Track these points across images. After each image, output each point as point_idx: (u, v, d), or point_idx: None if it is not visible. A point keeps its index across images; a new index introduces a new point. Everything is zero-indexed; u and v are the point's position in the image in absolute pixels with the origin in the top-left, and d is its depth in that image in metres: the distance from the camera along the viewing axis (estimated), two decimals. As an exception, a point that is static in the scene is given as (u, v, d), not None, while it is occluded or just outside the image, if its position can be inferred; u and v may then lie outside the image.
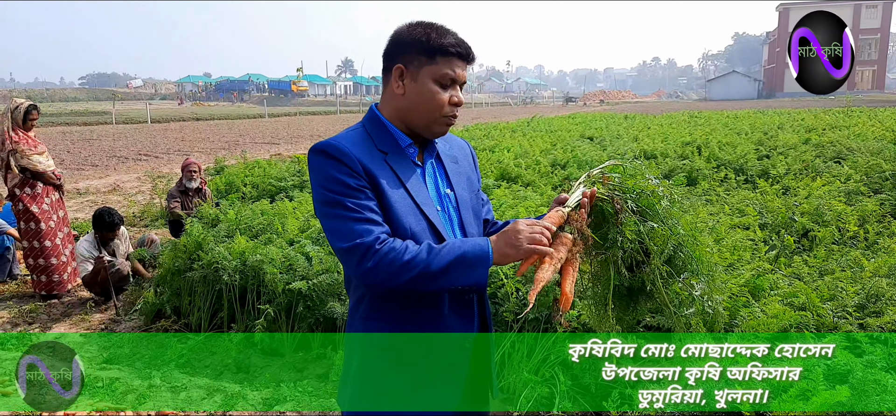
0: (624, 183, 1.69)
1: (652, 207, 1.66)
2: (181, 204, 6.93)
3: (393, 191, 1.61)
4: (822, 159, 10.26)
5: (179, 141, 22.30)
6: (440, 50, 1.61)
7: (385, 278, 1.53)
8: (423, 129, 1.67)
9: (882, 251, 4.75)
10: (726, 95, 77.14)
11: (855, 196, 6.99)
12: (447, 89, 1.63)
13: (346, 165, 1.57)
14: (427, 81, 1.63)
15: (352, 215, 1.55)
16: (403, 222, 1.59)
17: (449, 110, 1.64)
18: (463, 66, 1.65)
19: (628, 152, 11.51)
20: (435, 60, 1.62)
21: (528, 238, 1.52)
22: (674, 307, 1.65)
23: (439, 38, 1.62)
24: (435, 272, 1.52)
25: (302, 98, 71.50)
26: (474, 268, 1.53)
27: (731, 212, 6.21)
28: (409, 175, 1.65)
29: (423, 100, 1.63)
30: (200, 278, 4.53)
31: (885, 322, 2.99)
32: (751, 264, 3.94)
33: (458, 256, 1.52)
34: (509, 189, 7.33)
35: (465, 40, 1.66)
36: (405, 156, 1.68)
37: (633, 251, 1.62)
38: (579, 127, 19.97)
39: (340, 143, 1.61)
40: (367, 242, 1.52)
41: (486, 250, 1.54)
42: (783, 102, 52.68)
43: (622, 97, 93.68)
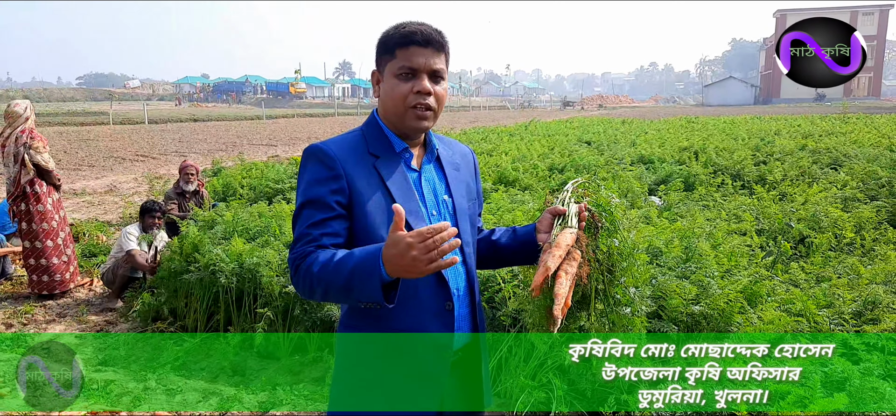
0: (597, 199, 1.72)
1: (614, 222, 1.69)
2: (178, 206, 6.91)
3: (373, 200, 1.59)
4: (818, 166, 10.29)
5: (177, 142, 22.26)
6: (397, 42, 1.60)
7: (303, 293, 1.54)
8: (401, 126, 1.65)
9: (879, 258, 4.76)
10: (723, 101, 77.35)
11: (851, 203, 7.01)
12: (409, 80, 1.60)
13: (327, 167, 1.58)
14: (390, 77, 1.62)
15: (303, 226, 1.56)
16: (378, 232, 1.57)
17: (413, 99, 1.59)
18: (425, 54, 1.59)
19: (626, 157, 11.52)
20: (394, 55, 1.61)
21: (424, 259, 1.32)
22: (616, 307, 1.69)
23: (396, 32, 1.61)
24: (341, 287, 1.45)
25: (300, 100, 71.46)
26: (368, 280, 1.40)
27: (728, 218, 6.22)
28: (399, 181, 1.63)
29: (390, 96, 1.62)
30: (197, 280, 4.52)
31: (882, 329, 2.99)
32: (748, 271, 3.94)
33: (353, 267, 1.43)
34: (507, 193, 7.34)
35: (426, 27, 1.61)
36: (399, 160, 1.66)
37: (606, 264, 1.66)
38: (577, 131, 20.00)
39: (329, 146, 1.62)
40: (293, 255, 1.55)
41: (375, 258, 1.39)
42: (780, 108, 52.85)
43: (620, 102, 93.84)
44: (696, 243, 4.16)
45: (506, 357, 3.60)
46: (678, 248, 4.16)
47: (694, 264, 3.78)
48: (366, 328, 1.63)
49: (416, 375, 1.63)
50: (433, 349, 1.64)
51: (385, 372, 1.63)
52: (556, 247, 1.53)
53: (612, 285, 1.67)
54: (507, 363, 3.59)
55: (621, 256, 1.67)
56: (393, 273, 1.37)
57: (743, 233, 5.34)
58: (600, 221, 1.67)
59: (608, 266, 1.66)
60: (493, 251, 1.86)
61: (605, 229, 1.67)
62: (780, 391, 2.37)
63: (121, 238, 5.66)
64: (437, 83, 1.63)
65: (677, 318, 3.23)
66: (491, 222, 5.32)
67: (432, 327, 1.63)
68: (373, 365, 1.64)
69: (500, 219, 5.37)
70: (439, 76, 1.63)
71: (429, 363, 1.64)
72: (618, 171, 9.65)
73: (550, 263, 1.50)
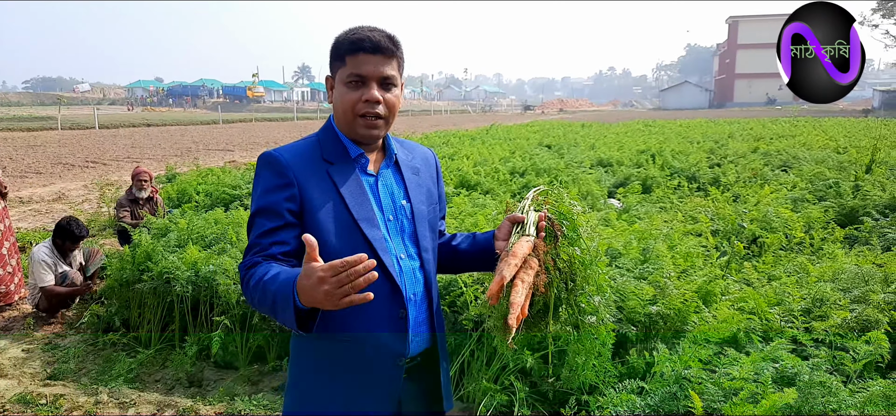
0: (558, 207, 1.72)
1: (576, 230, 1.70)
2: (131, 213, 6.72)
3: (325, 208, 1.57)
4: (770, 168, 10.64)
5: (129, 148, 21.65)
6: (346, 49, 1.58)
7: (251, 305, 1.55)
8: (352, 134, 1.64)
9: (826, 257, 4.93)
10: (679, 104, 79.34)
11: (801, 203, 7.25)
12: (358, 88, 1.58)
13: (278, 175, 1.57)
14: (340, 84, 1.61)
15: (253, 236, 1.55)
16: (331, 241, 1.56)
17: (361, 108, 1.57)
18: (374, 62, 1.56)
19: (585, 161, 11.69)
20: (344, 61, 1.59)
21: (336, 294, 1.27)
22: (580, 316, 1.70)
23: (346, 38, 1.59)
24: (267, 309, 1.44)
25: (258, 104, 70.50)
26: (286, 310, 1.37)
27: (684, 219, 6.36)
28: (353, 187, 1.61)
29: (339, 104, 1.61)
30: (150, 289, 4.39)
31: (830, 326, 3.09)
32: (703, 271, 4.03)
33: (275, 291, 1.39)
34: (469, 197, 7.35)
35: (375, 34, 1.57)
36: (353, 167, 1.64)
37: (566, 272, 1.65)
38: (538, 135, 20.21)
39: (282, 153, 1.60)
40: (242, 264, 1.54)
41: (289, 291, 1.36)
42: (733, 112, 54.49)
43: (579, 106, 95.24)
44: (653, 245, 4.24)
45: (468, 361, 3.59)
46: (636, 249, 4.22)
47: (651, 266, 3.84)
48: (320, 335, 1.60)
49: (369, 381, 1.62)
50: (385, 354, 1.62)
51: (337, 378, 1.62)
52: (513, 256, 1.52)
53: (574, 294, 1.67)
54: (469, 367, 3.59)
55: (583, 264, 1.67)
56: (307, 303, 1.32)
57: (698, 234, 5.47)
58: (560, 229, 1.67)
59: (570, 275, 1.66)
60: (453, 257, 1.85)
61: (566, 237, 1.67)
62: (733, 387, 2.43)
63: (32, 266, 5.19)
64: (387, 90, 1.61)
65: (635, 318, 3.28)
66: (453, 226, 5.32)
67: (385, 334, 1.61)
68: (325, 371, 1.63)
69: (462, 223, 5.37)
70: (390, 83, 1.61)
71: (381, 368, 1.62)
72: (578, 174, 9.78)
73: (506, 272, 1.49)
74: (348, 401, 1.61)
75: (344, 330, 1.59)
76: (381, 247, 1.60)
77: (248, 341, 4.15)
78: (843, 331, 3.14)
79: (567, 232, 1.68)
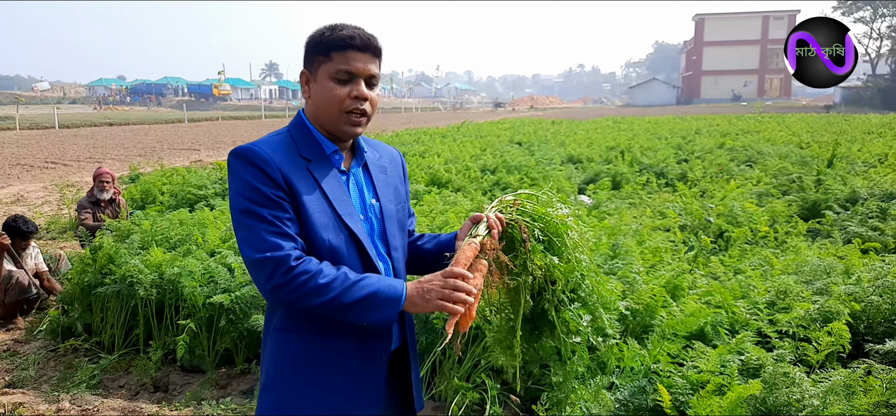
0: (535, 211, 1.70)
1: (560, 236, 1.67)
2: (93, 215, 6.54)
3: (312, 202, 1.55)
4: (735, 163, 10.85)
5: (91, 148, 21.12)
6: (334, 44, 1.56)
7: (293, 299, 1.48)
8: (334, 130, 1.62)
9: (790, 250, 5.04)
10: (648, 102, 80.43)
11: (765, 198, 7.41)
12: (346, 84, 1.57)
13: (265, 172, 1.52)
14: (324, 79, 1.58)
15: (266, 226, 1.49)
16: (321, 235, 1.54)
17: (349, 104, 1.57)
18: (363, 59, 1.58)
19: (556, 158, 11.78)
20: (330, 57, 1.57)
21: (440, 294, 1.48)
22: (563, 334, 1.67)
23: (332, 33, 1.57)
24: (346, 305, 1.48)
25: (224, 102, 69.43)
26: (384, 308, 1.49)
27: (653, 214, 6.45)
28: (333, 183, 1.60)
29: (324, 99, 1.58)
30: (113, 293, 4.27)
31: (793, 318, 3.16)
32: (671, 265, 4.08)
33: (371, 293, 1.49)
34: (440, 194, 7.35)
35: (363, 32, 1.58)
36: (330, 163, 1.63)
37: (541, 280, 1.63)
38: (508, 132, 20.30)
39: (262, 148, 1.55)
40: (277, 256, 1.47)
41: (399, 293, 1.50)
42: (700, 108, 55.49)
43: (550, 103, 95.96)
44: (622, 241, 4.28)
45: (440, 360, 3.58)
46: (606, 245, 4.26)
47: (621, 261, 3.87)
48: (305, 331, 1.59)
49: (356, 378, 1.61)
50: (371, 351, 1.62)
51: (324, 378, 1.60)
52: (455, 263, 1.53)
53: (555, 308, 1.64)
54: (441, 366, 3.57)
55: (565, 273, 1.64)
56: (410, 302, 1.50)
57: (667, 229, 5.55)
58: (527, 233, 1.65)
59: (550, 280, 1.63)
60: (419, 256, 1.85)
61: (540, 243, 1.64)
62: (700, 380, 2.46)
63: None
64: (372, 89, 1.62)
65: (605, 314, 3.30)
66: (425, 224, 5.30)
67: (370, 330, 1.61)
68: (310, 371, 1.60)
69: (433, 220, 5.36)
70: (375, 82, 1.62)
71: (367, 366, 1.62)
72: (548, 171, 9.84)
73: None
74: (334, 398, 1.60)
75: (331, 327, 1.58)
76: (366, 242, 1.61)
77: (215, 344, 4.08)
78: (805, 323, 3.20)
79: (542, 238, 1.65)
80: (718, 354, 2.55)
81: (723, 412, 2.25)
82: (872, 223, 6.02)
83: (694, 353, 2.71)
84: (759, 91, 75.99)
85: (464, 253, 1.55)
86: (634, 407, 2.54)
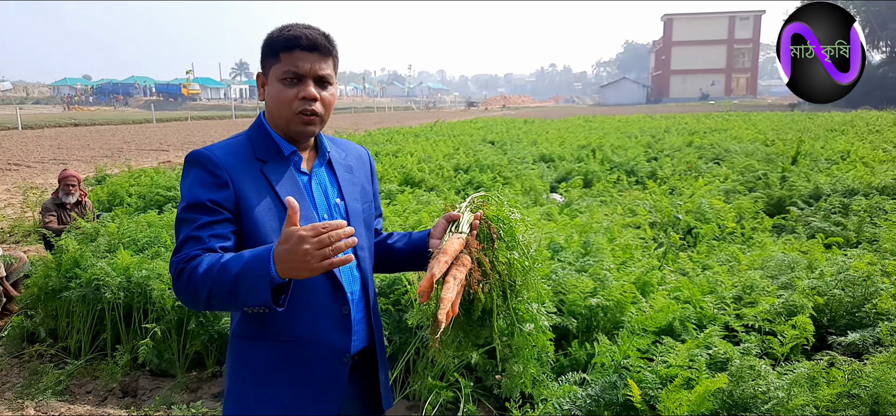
0: (499, 213, 1.72)
1: (514, 235, 1.70)
2: (58, 218, 6.39)
3: (260, 206, 1.53)
4: (703, 160, 11.05)
5: (55, 149, 20.61)
6: (281, 45, 1.55)
7: (187, 300, 1.45)
8: (288, 131, 1.60)
9: (756, 245, 5.16)
10: (618, 100, 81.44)
11: (733, 195, 7.56)
12: (294, 85, 1.56)
13: (213, 174, 1.51)
14: (274, 81, 1.57)
15: (188, 229, 1.47)
16: (270, 238, 1.51)
17: (298, 106, 1.55)
18: (310, 59, 1.55)
19: (528, 157, 11.85)
20: (278, 58, 1.55)
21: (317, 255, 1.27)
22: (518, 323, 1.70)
23: (280, 34, 1.56)
24: (227, 290, 1.36)
25: (194, 102, 68.36)
26: (257, 283, 1.33)
27: (623, 212, 6.53)
28: (288, 185, 1.58)
29: (274, 101, 1.57)
30: (79, 297, 4.18)
31: (759, 312, 3.23)
32: (641, 262, 4.14)
33: (241, 269, 1.35)
34: (413, 194, 7.34)
35: (312, 31, 1.56)
36: (288, 164, 1.60)
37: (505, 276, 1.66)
38: (481, 131, 20.36)
39: (214, 152, 1.54)
40: (176, 259, 1.45)
41: (265, 259, 1.32)
42: (669, 107, 56.36)
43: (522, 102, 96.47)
44: (594, 238, 4.33)
45: (413, 359, 3.58)
46: (577, 243, 4.30)
47: (592, 258, 3.92)
48: (261, 337, 1.57)
49: (313, 381, 1.59)
50: (330, 353, 1.60)
51: (279, 382, 1.58)
52: (443, 253, 1.51)
53: (514, 298, 1.66)
54: (414, 365, 3.57)
55: (523, 270, 1.68)
56: (284, 272, 1.30)
57: (637, 226, 5.63)
58: (497, 232, 1.67)
59: (510, 281, 1.65)
60: (389, 256, 1.84)
61: (503, 242, 1.67)
62: (669, 374, 2.50)
63: None
64: (324, 88, 1.59)
65: (576, 311, 3.34)
66: (397, 223, 5.29)
67: (330, 333, 1.59)
68: (266, 376, 1.58)
69: (407, 220, 5.35)
70: (326, 81, 1.60)
71: (326, 368, 1.60)
72: (521, 170, 9.90)
73: (436, 269, 1.47)
74: (291, 404, 1.58)
75: (289, 331, 1.55)
76: None
77: (185, 347, 4.01)
78: (771, 316, 3.28)
79: (505, 237, 1.68)
80: (687, 348, 2.59)
81: (691, 406, 2.29)
82: (835, 219, 6.19)
83: (663, 348, 2.76)
84: (727, 90, 77.52)
85: (451, 244, 1.54)
86: (605, 402, 2.57)
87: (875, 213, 6.27)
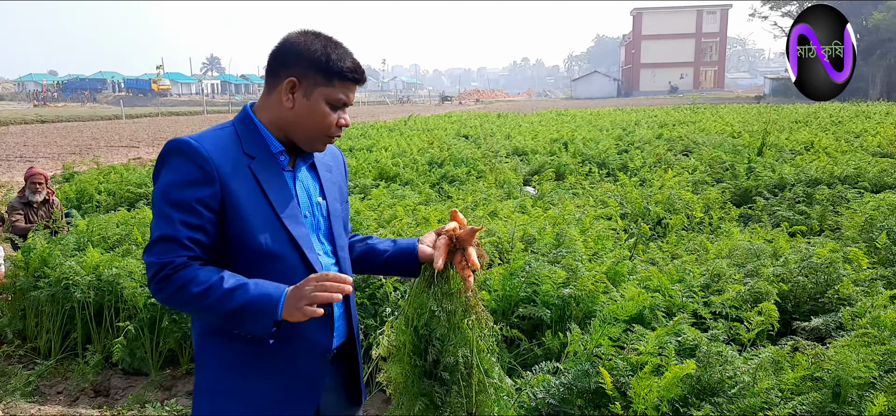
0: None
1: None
2: (25, 217, 6.26)
3: (249, 203, 1.52)
4: (673, 152, 11.23)
5: (21, 146, 20.10)
6: (339, 74, 1.55)
7: (168, 303, 1.48)
8: (304, 143, 1.61)
9: (723, 235, 5.28)
10: (590, 94, 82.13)
11: (701, 186, 7.71)
12: (336, 111, 1.59)
13: (200, 167, 1.47)
14: (320, 101, 1.56)
15: (168, 228, 1.45)
16: (257, 238, 1.52)
17: (335, 132, 1.60)
18: (355, 91, 1.63)
19: (502, 150, 11.92)
20: (332, 83, 1.56)
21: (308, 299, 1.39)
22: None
23: (339, 62, 1.55)
24: (221, 315, 1.44)
25: (164, 97, 67.15)
26: (261, 318, 1.42)
27: (595, 204, 6.62)
28: (276, 183, 1.57)
29: (312, 119, 1.57)
30: (48, 296, 4.11)
31: (726, 299, 3.32)
32: (613, 253, 4.22)
33: (245, 303, 1.42)
34: (388, 188, 7.33)
35: (360, 65, 1.62)
36: (274, 162, 1.59)
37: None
38: (455, 125, 20.37)
39: (202, 143, 1.50)
40: (162, 261, 1.43)
41: (274, 303, 1.42)
42: (639, 100, 57.01)
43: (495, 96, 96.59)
44: (566, 230, 4.39)
45: (390, 353, 3.60)
46: (550, 235, 4.36)
47: (564, 249, 3.98)
48: (233, 337, 1.55)
49: (294, 378, 1.60)
50: (312, 350, 1.61)
51: (262, 378, 1.57)
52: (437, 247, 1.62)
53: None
54: (391, 359, 3.59)
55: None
56: (286, 311, 1.41)
57: (608, 218, 5.71)
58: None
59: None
60: (370, 256, 1.84)
61: None
62: (639, 362, 2.57)
63: None
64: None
65: (549, 302, 3.40)
66: (372, 218, 5.29)
67: (313, 331, 1.60)
68: (244, 374, 1.57)
69: (382, 215, 5.35)
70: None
71: (308, 366, 1.61)
72: (495, 163, 9.96)
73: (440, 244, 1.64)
74: (271, 401, 1.58)
75: None
76: (306, 244, 1.59)
77: (158, 345, 3.98)
78: (737, 303, 3.38)
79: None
80: (656, 336, 2.66)
81: (661, 391, 2.36)
82: (799, 208, 6.36)
83: (634, 336, 2.82)
84: (695, 83, 78.74)
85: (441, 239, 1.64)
86: (578, 390, 2.63)
87: (837, 202, 6.46)
